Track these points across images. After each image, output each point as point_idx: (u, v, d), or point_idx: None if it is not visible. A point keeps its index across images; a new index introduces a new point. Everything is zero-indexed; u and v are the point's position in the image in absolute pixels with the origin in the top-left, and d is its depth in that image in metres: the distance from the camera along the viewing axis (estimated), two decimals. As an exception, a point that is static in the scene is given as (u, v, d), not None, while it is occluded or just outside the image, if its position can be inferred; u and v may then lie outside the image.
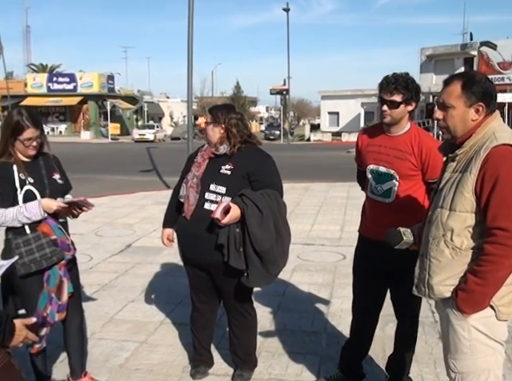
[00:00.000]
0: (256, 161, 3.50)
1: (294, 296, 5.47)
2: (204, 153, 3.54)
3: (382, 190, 3.32)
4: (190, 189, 3.46)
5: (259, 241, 3.25)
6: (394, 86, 3.13)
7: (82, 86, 48.25)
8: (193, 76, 13.41)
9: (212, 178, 3.43)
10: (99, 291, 5.62)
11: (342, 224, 8.93)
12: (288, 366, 3.97)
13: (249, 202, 3.26)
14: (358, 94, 47.04)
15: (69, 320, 3.40)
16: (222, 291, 3.62)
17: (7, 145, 3.27)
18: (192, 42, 13.10)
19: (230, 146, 3.46)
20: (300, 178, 14.92)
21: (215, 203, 3.34)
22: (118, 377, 3.82)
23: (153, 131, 44.67)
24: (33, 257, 3.19)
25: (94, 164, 21.36)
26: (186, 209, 3.46)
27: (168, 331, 4.60)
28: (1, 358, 2.09)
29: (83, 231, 8.15)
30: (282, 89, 45.64)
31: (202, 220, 3.36)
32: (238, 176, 3.41)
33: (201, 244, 3.41)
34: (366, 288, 3.49)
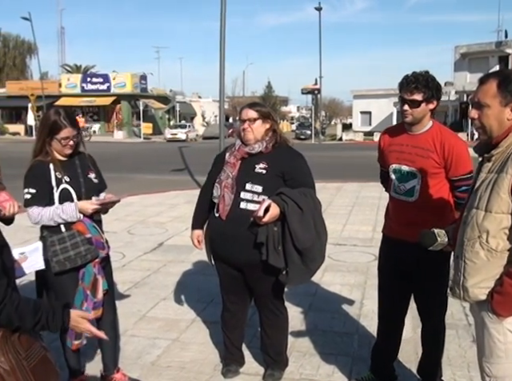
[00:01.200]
0: (289, 159, 3.50)
1: (326, 296, 5.45)
2: (237, 153, 3.51)
3: (404, 189, 3.30)
4: (224, 189, 3.44)
5: (301, 238, 3.24)
6: (415, 85, 3.10)
7: (115, 87, 48.83)
8: (225, 76, 13.45)
9: (247, 177, 3.42)
10: (132, 289, 5.69)
11: (374, 224, 8.85)
12: (319, 366, 3.95)
13: (288, 200, 3.25)
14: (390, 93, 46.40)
15: (103, 316, 3.45)
16: (254, 291, 3.63)
17: (44, 144, 3.33)
18: (224, 43, 13.14)
19: (267, 143, 3.47)
20: (332, 177, 14.84)
21: (251, 202, 3.37)
22: (149, 374, 3.86)
23: (185, 131, 44.96)
24: (67, 255, 3.25)
25: (126, 163, 21.61)
26: (221, 209, 3.44)
27: (199, 329, 4.63)
28: (37, 352, 2.13)
29: (116, 229, 8.26)
30: (314, 88, 45.43)
31: (238, 219, 3.36)
32: (273, 175, 3.40)
33: (237, 243, 3.39)
34: (391, 289, 3.47)
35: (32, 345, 2.11)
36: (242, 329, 3.88)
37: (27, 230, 6.01)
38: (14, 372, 2.00)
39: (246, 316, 3.88)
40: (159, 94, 53.75)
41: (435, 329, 3.46)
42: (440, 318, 3.44)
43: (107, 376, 3.65)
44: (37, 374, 2.07)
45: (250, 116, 3.48)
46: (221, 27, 13.10)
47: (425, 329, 3.51)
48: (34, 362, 2.08)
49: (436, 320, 3.43)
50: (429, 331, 3.48)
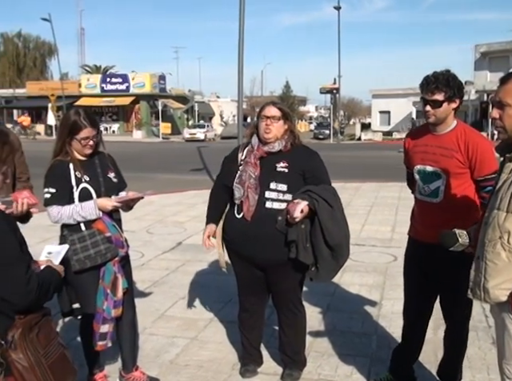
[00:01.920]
0: (308, 158, 3.53)
1: (344, 297, 5.43)
2: (256, 152, 3.50)
3: (429, 190, 3.26)
4: (248, 190, 3.42)
5: (333, 235, 3.27)
6: (435, 85, 3.07)
7: (134, 87, 49.13)
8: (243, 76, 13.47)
9: (270, 176, 3.42)
10: (150, 288, 5.72)
11: (394, 225, 8.80)
12: (338, 367, 3.94)
13: (317, 197, 3.27)
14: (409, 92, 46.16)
15: (122, 315, 3.47)
16: (274, 289, 3.63)
17: (64, 144, 3.36)
18: (243, 42, 13.16)
19: (286, 142, 3.48)
20: (350, 177, 14.77)
21: (277, 201, 3.38)
22: (168, 372, 3.88)
23: (203, 131, 45.08)
24: (88, 253, 3.27)
25: (145, 163, 21.72)
26: (245, 210, 3.42)
27: (217, 329, 4.64)
28: (55, 349, 2.16)
29: (135, 229, 8.31)
30: (332, 88, 45.26)
31: (264, 219, 3.37)
32: (294, 173, 3.42)
33: (264, 242, 3.39)
34: (417, 291, 3.43)
35: (50, 342, 2.14)
36: (261, 329, 3.88)
37: (47, 228, 6.08)
38: (33, 369, 2.02)
39: (264, 316, 3.89)
40: (178, 94, 53.95)
41: (458, 331, 3.42)
42: (464, 321, 3.41)
43: (126, 374, 3.68)
44: (55, 371, 2.10)
45: (274, 114, 3.47)
46: (240, 27, 13.11)
47: (448, 331, 3.47)
48: (52, 360, 2.11)
49: (460, 322, 3.40)
50: (452, 333, 3.45)
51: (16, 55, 65.32)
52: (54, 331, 2.19)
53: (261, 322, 3.85)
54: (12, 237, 2.04)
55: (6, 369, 2.01)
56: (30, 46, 67.78)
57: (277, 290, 3.62)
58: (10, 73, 62.99)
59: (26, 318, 2.05)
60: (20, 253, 2.05)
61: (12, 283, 1.98)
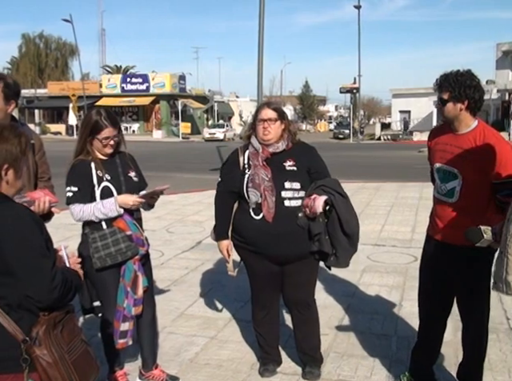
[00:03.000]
0: (309, 153, 3.65)
1: (364, 297, 5.40)
2: (262, 155, 3.53)
3: (445, 189, 3.23)
4: (265, 192, 3.46)
5: (350, 224, 3.43)
6: (441, 84, 3.11)
7: (154, 87, 49.46)
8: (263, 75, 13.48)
9: (283, 176, 3.49)
10: (170, 286, 5.75)
11: (414, 225, 8.73)
12: (357, 368, 3.92)
13: (332, 191, 3.41)
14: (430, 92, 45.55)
15: (142, 313, 3.49)
16: (290, 284, 3.67)
17: (86, 143, 3.40)
18: (263, 42, 13.17)
19: (287, 140, 3.58)
20: (370, 177, 14.70)
21: (293, 199, 3.46)
22: (187, 371, 3.90)
23: (223, 130, 45.24)
24: (108, 251, 3.30)
25: (165, 162, 21.84)
26: (265, 211, 3.46)
27: (237, 328, 4.65)
28: (78, 346, 2.18)
29: (155, 228, 8.35)
30: (352, 87, 45.12)
31: (285, 218, 3.45)
32: (302, 169, 3.53)
33: (287, 240, 3.47)
34: (432, 290, 3.41)
35: (74, 339, 2.16)
36: (278, 326, 3.91)
37: (68, 227, 6.15)
38: (57, 365, 2.05)
39: (278, 313, 3.92)
40: (198, 94, 54.20)
41: (477, 332, 3.38)
42: (482, 322, 3.36)
43: (146, 372, 3.70)
44: (78, 367, 2.12)
45: (271, 116, 3.53)
46: (259, 27, 13.12)
47: (466, 332, 3.43)
48: (76, 356, 2.13)
49: (478, 323, 3.35)
50: (470, 334, 3.40)
51: (37, 56, 66.13)
52: (77, 328, 2.21)
53: (277, 318, 3.89)
54: (38, 233, 2.07)
55: (30, 365, 2.03)
56: (52, 47, 68.56)
57: (296, 284, 3.66)
58: (32, 73, 63.77)
59: (50, 315, 2.08)
60: (46, 250, 2.07)
61: (37, 279, 2.00)
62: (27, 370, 2.04)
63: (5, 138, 2.07)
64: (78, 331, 2.20)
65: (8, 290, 2.03)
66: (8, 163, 2.07)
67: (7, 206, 2.08)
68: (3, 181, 2.08)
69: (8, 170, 2.07)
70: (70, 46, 65.95)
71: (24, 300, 2.04)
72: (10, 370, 2.06)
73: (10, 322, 2.03)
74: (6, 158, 2.06)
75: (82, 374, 2.13)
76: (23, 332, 2.03)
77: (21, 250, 2.00)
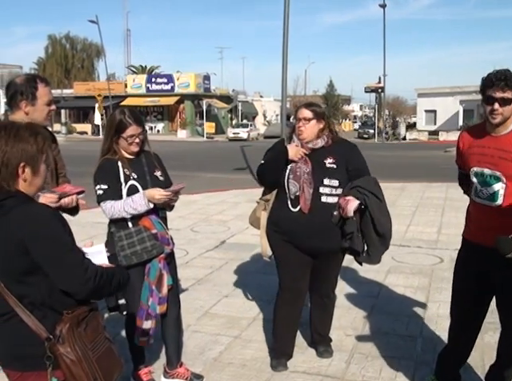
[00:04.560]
0: (350, 151, 3.79)
1: (389, 298, 5.36)
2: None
3: (487, 193, 3.13)
4: (303, 184, 3.64)
5: (383, 224, 3.57)
6: (505, 82, 2.93)
7: (179, 87, 49.70)
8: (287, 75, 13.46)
9: (322, 172, 3.66)
10: (194, 285, 5.78)
11: (439, 226, 8.64)
12: (382, 369, 3.89)
13: (367, 192, 3.55)
14: (456, 91, 45.32)
15: (167, 311, 3.52)
16: (319, 275, 3.90)
17: (111, 143, 3.44)
18: (287, 42, 13.15)
19: (327, 138, 3.72)
20: (395, 177, 14.57)
21: (330, 196, 3.65)
22: (211, 369, 3.91)
23: (246, 130, 45.29)
24: (134, 249, 3.33)
25: (189, 162, 21.94)
26: (302, 203, 3.65)
27: (261, 328, 4.65)
28: (102, 343, 2.19)
29: (179, 227, 8.39)
30: (377, 87, 44.80)
31: (320, 212, 3.63)
32: (342, 168, 3.68)
33: (321, 233, 3.65)
34: (467, 293, 3.33)
35: (97, 336, 2.18)
36: (299, 314, 4.01)
37: (94, 226, 6.22)
38: (81, 362, 2.06)
39: (303, 305, 4.02)
40: (222, 94, 54.34)
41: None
42: None
43: (170, 370, 3.72)
44: (102, 364, 2.13)
45: (306, 115, 3.71)
46: (284, 26, 13.10)
47: (505, 337, 3.33)
48: (99, 354, 2.14)
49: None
50: (508, 340, 3.31)
51: (64, 57, 66.99)
52: (100, 326, 2.23)
53: (300, 310, 3.99)
54: (62, 228, 2.09)
55: (54, 363, 2.05)
56: (78, 48, 69.39)
57: (322, 275, 3.91)
58: (58, 74, 64.59)
59: (73, 313, 2.09)
60: (73, 243, 2.09)
61: (70, 274, 2.02)
62: (51, 368, 2.06)
63: (20, 136, 2.09)
64: (101, 329, 2.22)
65: (32, 289, 2.06)
66: (24, 162, 2.09)
67: (30, 206, 2.10)
68: (21, 179, 2.10)
69: (25, 169, 2.10)
70: (95, 46, 66.66)
71: (47, 298, 2.07)
72: (33, 367, 2.09)
73: (33, 321, 2.05)
74: (22, 157, 2.08)
75: (106, 372, 2.15)
76: (47, 330, 2.06)
77: (49, 248, 2.03)
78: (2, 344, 2.13)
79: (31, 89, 3.07)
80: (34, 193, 2.20)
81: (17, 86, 3.09)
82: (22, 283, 2.05)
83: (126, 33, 71.69)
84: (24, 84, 3.08)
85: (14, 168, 2.07)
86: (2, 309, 2.08)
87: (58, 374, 2.08)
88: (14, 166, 2.07)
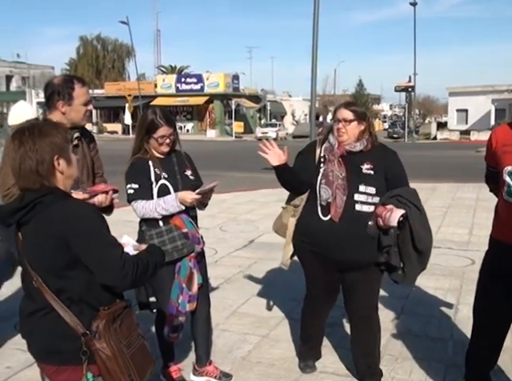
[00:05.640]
0: (390, 158, 3.51)
1: (419, 300, 5.30)
2: (337, 151, 3.44)
3: None
4: (336, 191, 3.36)
5: (423, 241, 3.25)
6: None
7: (208, 86, 49.95)
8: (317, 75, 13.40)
9: (358, 178, 3.37)
10: (223, 284, 5.81)
11: (471, 227, 8.51)
12: (412, 371, 3.85)
13: (407, 202, 3.24)
14: (488, 89, 44.58)
15: (197, 310, 3.55)
16: (350, 291, 3.58)
17: (142, 143, 3.47)
18: (317, 41, 13.10)
19: (367, 141, 3.44)
20: (426, 178, 14.40)
21: (366, 204, 3.35)
22: (240, 368, 3.92)
23: (275, 129, 45.30)
24: (165, 248, 3.34)
25: (218, 161, 22.02)
26: (333, 211, 3.36)
27: (289, 327, 4.64)
28: (136, 340, 2.23)
29: (208, 226, 8.43)
30: (408, 86, 44.35)
31: (353, 222, 3.33)
32: (380, 175, 3.40)
33: (353, 245, 3.35)
34: (493, 294, 3.28)
35: (131, 333, 2.22)
36: (324, 325, 3.89)
37: (124, 224, 6.26)
38: (116, 358, 2.10)
39: (327, 316, 3.89)
40: (251, 94, 54.40)
41: None
42: None
43: (200, 368, 3.74)
44: (136, 361, 2.17)
45: (346, 116, 3.42)
46: (314, 26, 13.06)
47: None
48: (134, 350, 2.18)
49: None
50: None
51: (95, 57, 67.86)
52: (134, 323, 2.26)
53: (325, 320, 3.85)
54: (101, 224, 2.14)
55: (90, 358, 2.10)
56: (109, 49, 70.20)
57: (356, 293, 3.54)
58: (89, 74, 65.33)
59: (109, 309, 2.13)
60: (112, 237, 2.13)
61: (109, 270, 2.06)
62: (86, 363, 2.10)
63: (45, 132, 2.15)
64: (135, 326, 2.26)
65: (70, 284, 2.10)
66: (57, 154, 2.14)
67: (69, 203, 2.15)
68: (58, 172, 2.15)
69: (59, 161, 2.15)
70: (126, 47, 67.36)
71: (85, 294, 2.11)
72: (69, 362, 2.13)
73: (70, 316, 2.10)
74: (54, 150, 2.13)
75: (140, 368, 2.18)
76: (83, 326, 2.10)
77: (90, 244, 2.07)
78: (39, 339, 2.17)
79: (68, 89, 3.11)
80: (71, 185, 2.25)
81: (54, 87, 3.14)
82: (61, 278, 2.10)
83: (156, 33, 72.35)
84: (61, 84, 3.13)
85: (49, 163, 2.12)
86: (39, 304, 2.13)
87: (93, 369, 2.12)
88: (49, 161, 2.12)
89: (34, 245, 2.13)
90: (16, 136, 2.14)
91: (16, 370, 3.91)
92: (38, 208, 2.10)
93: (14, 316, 4.94)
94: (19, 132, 2.15)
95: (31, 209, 2.10)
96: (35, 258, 2.13)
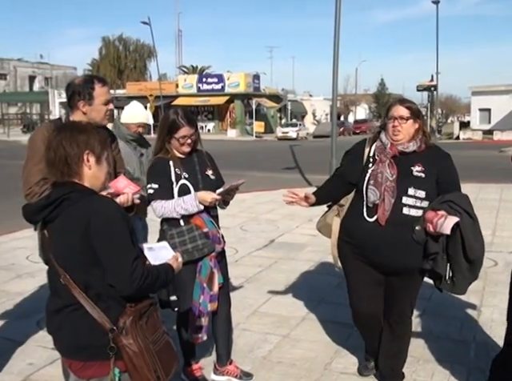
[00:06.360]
0: (442, 161, 3.37)
1: (441, 301, 5.23)
2: (389, 151, 3.31)
3: None
4: (385, 193, 3.24)
5: (474, 250, 3.12)
6: None
7: (229, 86, 50.03)
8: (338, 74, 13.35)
9: (408, 181, 3.25)
10: (244, 284, 5.81)
11: (494, 228, 8.40)
12: (434, 373, 3.82)
13: (459, 209, 3.11)
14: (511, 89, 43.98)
15: (218, 309, 3.55)
16: (391, 296, 3.50)
17: (164, 142, 3.49)
18: (338, 41, 13.03)
19: (421, 142, 3.32)
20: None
21: (414, 208, 3.23)
22: (261, 368, 3.92)
23: (295, 129, 45.24)
24: (185, 248, 3.37)
25: (239, 161, 22.04)
26: (380, 214, 3.25)
27: (310, 327, 4.63)
28: (161, 337, 2.26)
29: (229, 225, 8.44)
30: (430, 85, 43.90)
31: (399, 225, 3.22)
32: (431, 178, 3.27)
33: (398, 249, 3.25)
34: None
35: (157, 330, 2.25)
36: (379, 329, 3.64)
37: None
38: (142, 354, 2.12)
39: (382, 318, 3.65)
40: (271, 93, 54.38)
41: None
42: None
43: (220, 367, 3.75)
44: (162, 357, 2.19)
45: (402, 114, 3.28)
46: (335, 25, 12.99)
47: None
48: (160, 347, 2.21)
49: None
50: None
51: (117, 58, 68.43)
52: (159, 320, 2.29)
53: (379, 326, 3.61)
54: (123, 225, 2.16)
55: (117, 354, 2.12)
56: (130, 49, 70.74)
57: (395, 298, 3.47)
58: (111, 75, 65.88)
59: (136, 306, 2.16)
60: (130, 242, 2.15)
61: (118, 272, 2.09)
62: (113, 359, 2.13)
63: (84, 129, 2.24)
64: (160, 323, 2.28)
65: (97, 281, 2.13)
66: (89, 150, 2.20)
67: (96, 200, 2.18)
68: (86, 167, 2.20)
69: (89, 157, 2.20)
70: (147, 47, 67.76)
71: (112, 291, 2.13)
72: (96, 357, 2.16)
73: (98, 312, 2.13)
74: (86, 145, 2.20)
75: (165, 365, 2.21)
76: (110, 322, 2.12)
77: (107, 245, 2.10)
78: (66, 334, 2.21)
79: (88, 89, 3.15)
80: (99, 189, 2.28)
81: (75, 87, 3.18)
82: (88, 275, 2.13)
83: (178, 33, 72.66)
84: (81, 85, 3.17)
85: (79, 155, 2.19)
86: (66, 300, 2.17)
87: (119, 364, 2.15)
88: (79, 154, 2.18)
89: (60, 242, 2.17)
90: (56, 128, 2.23)
91: (38, 366, 3.97)
92: (65, 204, 2.14)
93: (36, 314, 5.06)
94: (62, 125, 2.23)
95: (58, 205, 2.14)
96: (62, 255, 2.17)
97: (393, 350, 3.59)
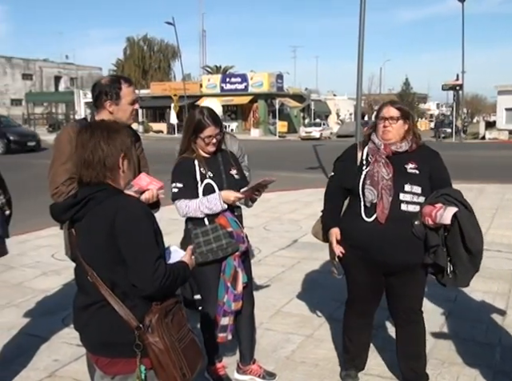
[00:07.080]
0: (433, 158, 3.44)
1: (466, 303, 5.20)
2: (383, 151, 3.36)
3: None
4: (382, 191, 3.27)
5: (475, 241, 3.14)
6: None
7: (252, 86, 50.05)
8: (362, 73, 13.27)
9: (403, 178, 3.30)
10: (267, 283, 5.82)
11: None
12: (458, 376, 3.78)
13: (456, 201, 3.15)
14: (539, 88, 43.22)
15: (241, 309, 3.56)
16: (395, 295, 3.50)
17: (190, 142, 3.51)
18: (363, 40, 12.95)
19: (411, 142, 3.38)
20: (474, 178, 14.07)
21: (411, 204, 3.26)
22: (284, 368, 3.93)
23: (319, 129, 45.04)
24: (210, 247, 3.39)
25: (262, 160, 22.01)
26: (379, 212, 3.27)
27: (333, 328, 4.61)
28: (187, 334, 2.28)
29: (252, 225, 8.46)
30: (455, 84, 43.39)
31: (399, 222, 3.25)
32: (425, 174, 3.32)
33: (399, 246, 3.27)
34: None
35: (182, 328, 2.26)
36: (370, 334, 3.74)
37: (169, 222, 6.34)
38: (168, 352, 2.14)
39: (373, 323, 3.74)
40: (295, 93, 54.27)
41: None
42: None
43: (244, 366, 3.77)
44: (187, 355, 2.21)
45: (393, 114, 3.35)
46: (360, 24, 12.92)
47: None
48: (185, 345, 2.22)
49: None
50: None
51: (141, 58, 68.97)
52: (184, 318, 2.31)
53: (371, 328, 3.72)
54: (148, 224, 2.17)
55: (143, 351, 2.15)
56: (155, 49, 71.24)
57: (401, 296, 3.47)
58: (136, 75, 66.44)
59: (162, 304, 2.19)
60: (153, 241, 2.17)
61: (141, 271, 2.11)
62: (139, 356, 2.15)
63: (117, 129, 2.25)
64: (185, 321, 2.30)
65: (123, 279, 2.15)
66: (124, 152, 2.22)
67: (120, 199, 2.21)
68: (120, 170, 2.23)
69: (124, 159, 2.22)
70: (172, 47, 68.19)
71: (135, 289, 2.15)
72: (123, 354, 2.18)
73: (124, 310, 2.15)
74: (123, 147, 2.23)
75: (191, 362, 2.23)
76: (137, 319, 2.14)
77: (131, 243, 2.12)
78: (94, 331, 2.24)
79: (115, 89, 3.18)
80: (124, 186, 2.31)
81: (101, 87, 3.22)
82: (115, 273, 2.16)
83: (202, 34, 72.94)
84: (108, 85, 3.20)
85: (116, 158, 2.21)
86: (94, 297, 2.20)
87: (145, 362, 2.17)
88: (116, 156, 2.21)
89: (88, 240, 2.20)
90: (87, 128, 2.23)
91: (63, 363, 4.02)
92: (91, 204, 2.17)
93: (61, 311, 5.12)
94: (90, 126, 2.26)
95: (84, 205, 2.17)
96: (90, 254, 2.20)
97: (409, 351, 3.56)
